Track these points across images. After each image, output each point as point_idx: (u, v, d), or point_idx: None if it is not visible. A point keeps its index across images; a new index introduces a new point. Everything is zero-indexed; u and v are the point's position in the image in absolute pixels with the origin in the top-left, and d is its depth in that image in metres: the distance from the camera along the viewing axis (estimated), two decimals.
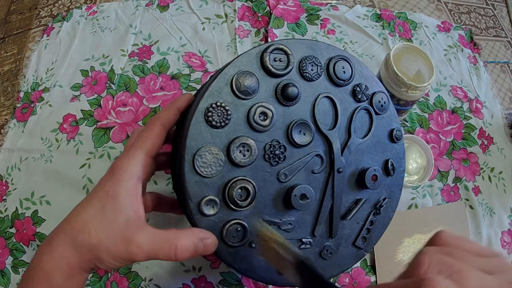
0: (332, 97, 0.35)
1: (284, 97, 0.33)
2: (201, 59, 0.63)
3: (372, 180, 0.36)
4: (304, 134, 0.34)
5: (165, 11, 0.67)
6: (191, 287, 0.48)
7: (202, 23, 0.67)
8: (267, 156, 0.33)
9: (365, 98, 0.37)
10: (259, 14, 0.68)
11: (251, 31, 0.67)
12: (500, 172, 0.62)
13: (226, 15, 0.68)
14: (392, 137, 0.38)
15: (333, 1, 0.74)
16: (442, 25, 0.76)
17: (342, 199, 0.36)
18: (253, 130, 0.32)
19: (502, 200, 0.60)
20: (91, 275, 0.47)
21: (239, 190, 0.31)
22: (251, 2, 0.69)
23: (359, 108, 0.36)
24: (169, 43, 0.64)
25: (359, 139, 0.36)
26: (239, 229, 0.32)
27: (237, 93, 0.31)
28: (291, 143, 0.33)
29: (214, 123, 0.31)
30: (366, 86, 0.37)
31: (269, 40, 0.65)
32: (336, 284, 0.50)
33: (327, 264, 0.36)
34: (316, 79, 0.35)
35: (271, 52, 0.33)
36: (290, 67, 0.33)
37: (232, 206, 0.31)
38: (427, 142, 0.59)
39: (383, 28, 0.71)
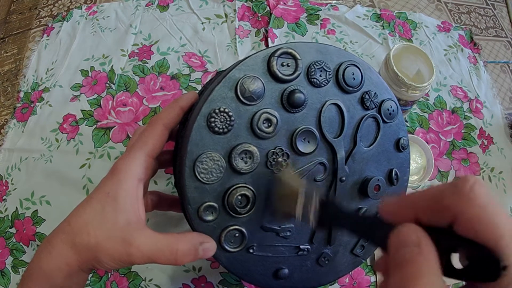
0: (340, 104, 0.34)
1: (290, 103, 0.32)
2: (201, 59, 0.63)
3: (375, 190, 0.36)
4: (308, 142, 0.33)
5: (165, 11, 0.67)
6: (191, 287, 0.48)
7: (202, 23, 0.66)
8: (269, 163, 0.32)
9: (373, 106, 0.35)
10: (259, 14, 0.68)
11: (251, 31, 0.67)
12: (500, 172, 0.62)
13: (226, 15, 0.68)
14: (398, 146, 0.37)
15: (333, 1, 0.74)
16: (442, 25, 0.76)
17: (342, 208, 0.35)
18: (256, 137, 0.31)
19: (502, 200, 0.60)
20: (91, 275, 0.47)
21: (239, 197, 0.31)
22: (251, 2, 0.69)
23: (367, 116, 0.35)
24: (169, 43, 0.64)
25: (364, 148, 0.35)
26: (237, 234, 0.32)
27: (242, 98, 0.30)
28: (295, 151, 0.33)
29: (216, 129, 0.30)
30: (375, 93, 0.35)
31: (269, 40, 0.65)
32: (336, 285, 0.50)
33: (323, 271, 0.36)
34: (324, 85, 0.33)
35: (278, 57, 0.31)
36: (298, 72, 0.32)
37: (231, 212, 0.31)
38: (427, 142, 0.59)
39: (383, 28, 0.71)
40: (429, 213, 0.20)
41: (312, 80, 0.33)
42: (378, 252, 0.51)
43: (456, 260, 0.19)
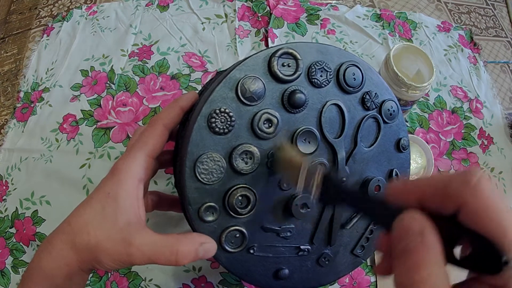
0: (340, 104, 0.34)
1: (291, 104, 0.32)
2: (201, 59, 0.63)
3: (375, 190, 0.36)
4: (309, 142, 0.33)
5: (165, 11, 0.67)
6: (191, 287, 0.48)
7: (202, 23, 0.66)
8: (269, 163, 0.32)
9: (374, 106, 0.35)
10: (259, 14, 0.68)
11: (251, 31, 0.67)
12: (500, 172, 0.62)
13: (226, 15, 0.68)
14: (399, 147, 0.37)
15: (333, 1, 0.74)
16: (442, 25, 0.76)
17: (343, 208, 0.35)
18: (256, 137, 0.31)
19: None
20: (91, 275, 0.47)
21: (240, 198, 0.31)
22: (251, 2, 0.69)
23: (367, 116, 0.35)
24: (169, 43, 0.64)
25: (365, 148, 0.35)
26: (237, 235, 0.32)
27: (242, 99, 0.30)
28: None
29: (217, 129, 0.30)
30: (376, 93, 0.35)
31: (269, 40, 0.65)
32: (337, 283, 0.50)
33: (324, 271, 0.36)
34: (325, 85, 0.33)
35: (279, 57, 0.31)
36: (298, 73, 0.32)
37: (232, 213, 0.31)
38: (427, 142, 0.59)
39: (383, 28, 0.71)
40: (435, 199, 0.20)
41: (313, 80, 0.33)
42: (378, 252, 0.51)
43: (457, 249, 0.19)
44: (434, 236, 0.18)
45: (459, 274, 0.20)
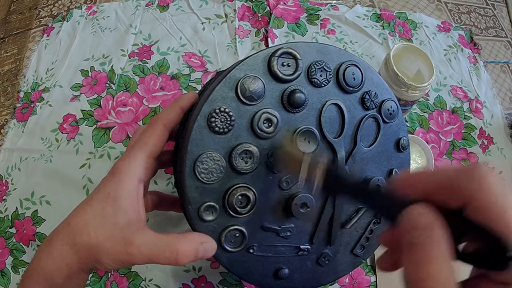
0: (340, 104, 0.34)
1: (290, 103, 0.32)
2: (201, 59, 0.63)
3: None
4: (309, 142, 0.33)
5: (165, 11, 0.67)
6: (191, 287, 0.48)
7: (202, 23, 0.66)
8: (269, 163, 0.32)
9: (373, 106, 0.35)
10: (259, 14, 0.68)
11: (251, 31, 0.67)
12: (500, 172, 0.62)
13: (226, 15, 0.68)
14: (399, 146, 0.37)
15: (333, 1, 0.74)
16: (442, 25, 0.76)
17: (343, 207, 0.35)
18: (256, 137, 0.31)
19: None
20: (91, 275, 0.47)
21: (239, 197, 0.31)
22: (251, 2, 0.69)
23: (367, 116, 0.35)
24: (169, 43, 0.64)
25: (364, 148, 0.36)
26: (237, 234, 0.32)
27: (242, 98, 0.30)
28: None
29: (217, 129, 0.30)
30: (375, 93, 0.35)
31: (269, 40, 0.65)
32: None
33: (324, 271, 0.36)
34: (325, 85, 0.33)
35: (279, 57, 0.31)
36: (298, 72, 0.32)
37: (232, 212, 0.31)
38: (427, 142, 0.59)
39: (383, 28, 0.71)
40: (441, 193, 0.20)
41: (313, 80, 0.33)
42: (378, 252, 0.51)
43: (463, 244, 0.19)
44: (441, 230, 0.18)
45: (464, 271, 0.20)
